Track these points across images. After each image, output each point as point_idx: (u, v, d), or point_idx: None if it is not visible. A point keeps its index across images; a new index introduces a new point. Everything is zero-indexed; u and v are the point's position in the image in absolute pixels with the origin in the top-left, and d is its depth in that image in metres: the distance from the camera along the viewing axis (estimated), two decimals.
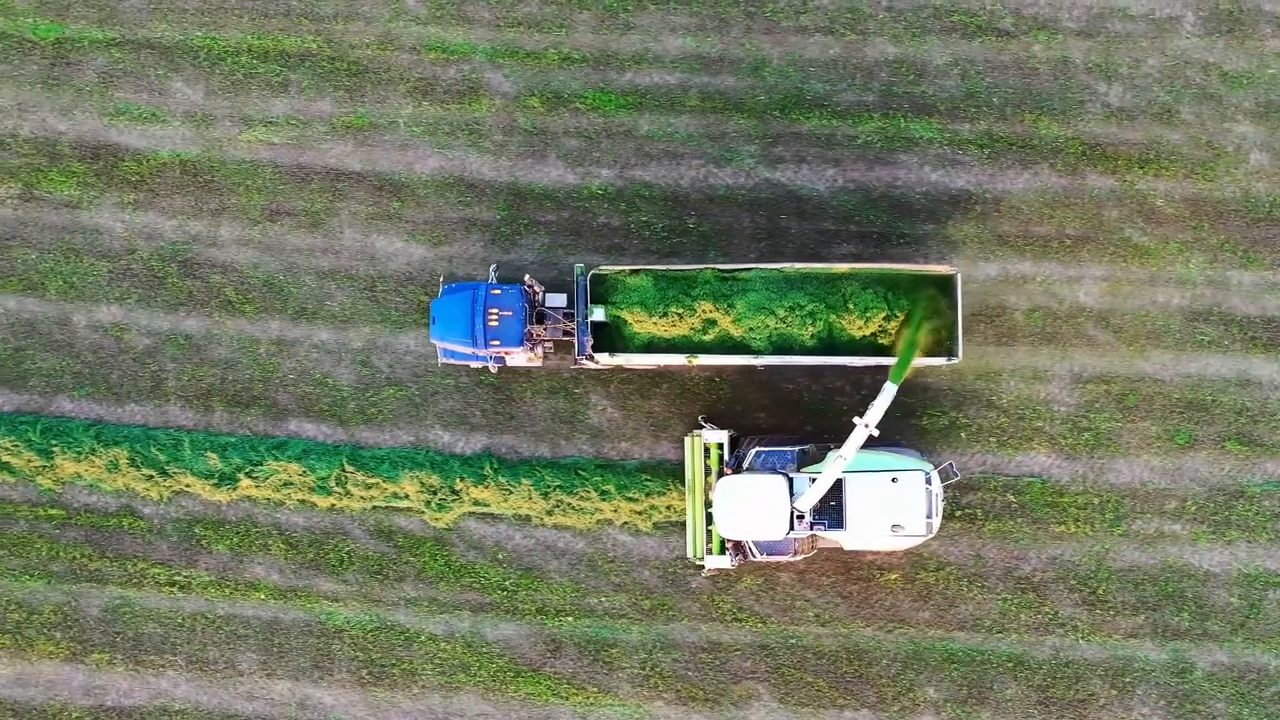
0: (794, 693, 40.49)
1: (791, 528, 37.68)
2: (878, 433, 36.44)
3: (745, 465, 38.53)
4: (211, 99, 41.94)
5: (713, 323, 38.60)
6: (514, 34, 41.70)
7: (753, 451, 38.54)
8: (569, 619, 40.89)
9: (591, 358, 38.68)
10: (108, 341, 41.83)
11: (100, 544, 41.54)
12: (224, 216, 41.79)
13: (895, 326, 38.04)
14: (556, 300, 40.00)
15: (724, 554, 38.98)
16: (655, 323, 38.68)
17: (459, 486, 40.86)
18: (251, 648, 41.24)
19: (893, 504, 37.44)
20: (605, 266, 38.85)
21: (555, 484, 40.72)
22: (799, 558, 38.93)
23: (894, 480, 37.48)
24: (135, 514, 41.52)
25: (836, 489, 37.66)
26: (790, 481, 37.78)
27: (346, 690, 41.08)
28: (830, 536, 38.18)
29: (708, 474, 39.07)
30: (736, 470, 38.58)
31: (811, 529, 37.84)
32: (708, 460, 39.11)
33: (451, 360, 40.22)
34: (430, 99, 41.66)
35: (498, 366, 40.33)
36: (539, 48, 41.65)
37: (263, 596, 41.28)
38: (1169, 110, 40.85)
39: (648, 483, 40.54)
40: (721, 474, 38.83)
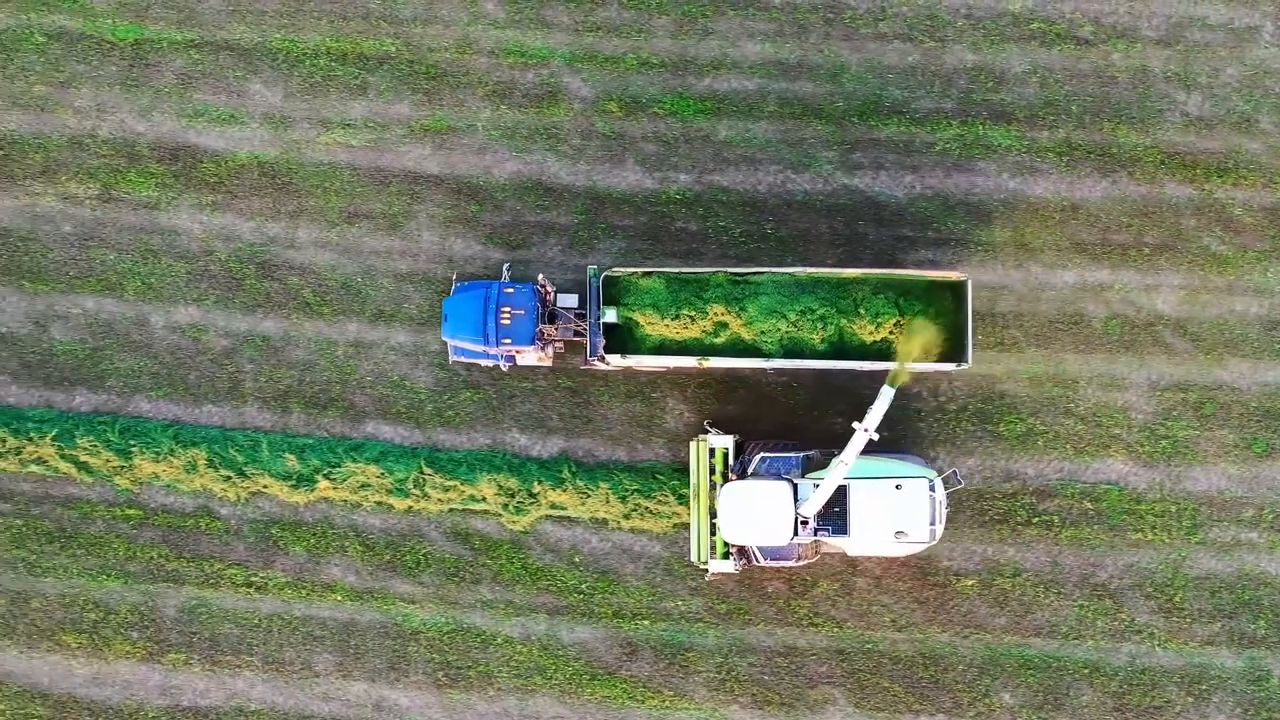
0: (869, 698, 40.55)
1: (795, 533, 37.79)
2: (877, 437, 36.45)
3: (750, 471, 38.57)
4: (290, 101, 41.99)
5: (724, 325, 38.68)
6: (592, 39, 41.75)
7: (757, 457, 38.58)
8: (645, 622, 40.96)
9: (603, 358, 38.72)
10: (185, 342, 41.88)
11: (177, 544, 41.60)
12: (302, 218, 41.85)
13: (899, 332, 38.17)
14: (568, 301, 40.09)
15: (728, 558, 39.05)
16: (667, 325, 38.76)
17: (536, 489, 40.91)
18: (327, 649, 41.30)
19: (897, 511, 37.51)
20: (618, 268, 38.92)
21: (633, 488, 40.77)
22: (803, 563, 39.01)
23: (898, 487, 37.57)
24: (212, 515, 41.59)
25: (841, 495, 37.72)
26: (795, 487, 37.88)
27: (422, 692, 41.14)
28: (834, 542, 38.28)
29: (713, 476, 39.01)
30: (741, 475, 38.67)
31: (815, 535, 37.93)
32: (712, 461, 39.09)
33: (462, 359, 40.29)
34: (508, 103, 41.70)
35: (508, 366, 40.37)
36: (617, 52, 41.70)
37: (339, 598, 41.35)
38: (1248, 119, 40.91)
39: None
40: (726, 479, 38.90)
